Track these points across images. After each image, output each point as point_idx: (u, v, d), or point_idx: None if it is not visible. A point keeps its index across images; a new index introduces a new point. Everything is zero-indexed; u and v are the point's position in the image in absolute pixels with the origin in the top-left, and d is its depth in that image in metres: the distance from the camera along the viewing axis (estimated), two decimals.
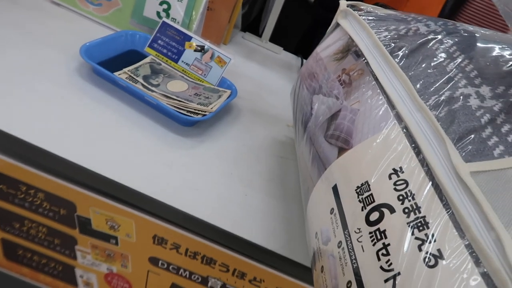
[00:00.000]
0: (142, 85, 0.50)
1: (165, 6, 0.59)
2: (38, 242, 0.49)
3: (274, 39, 0.86)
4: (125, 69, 0.51)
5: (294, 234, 0.41)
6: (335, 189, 0.28)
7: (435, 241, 0.20)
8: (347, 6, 0.44)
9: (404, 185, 0.23)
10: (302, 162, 0.38)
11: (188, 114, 0.47)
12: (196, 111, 0.48)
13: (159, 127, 0.48)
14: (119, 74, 0.50)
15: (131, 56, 0.57)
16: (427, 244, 0.20)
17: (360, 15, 0.41)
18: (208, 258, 0.43)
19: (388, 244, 0.22)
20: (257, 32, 0.89)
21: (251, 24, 0.97)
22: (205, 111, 0.48)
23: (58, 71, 0.49)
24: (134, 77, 0.50)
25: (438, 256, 0.19)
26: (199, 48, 0.57)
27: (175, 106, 0.48)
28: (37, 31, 0.55)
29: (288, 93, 0.61)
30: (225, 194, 0.43)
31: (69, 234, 0.47)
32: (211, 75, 0.56)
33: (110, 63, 0.52)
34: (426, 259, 0.19)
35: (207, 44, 0.57)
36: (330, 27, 0.46)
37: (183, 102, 0.48)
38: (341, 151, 0.30)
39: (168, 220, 0.40)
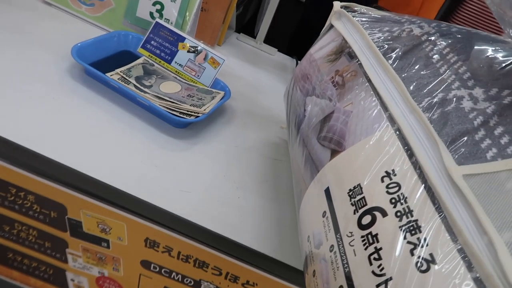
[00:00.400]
0: (135, 86, 0.49)
1: (158, 6, 0.59)
2: (29, 245, 0.48)
3: (268, 39, 0.86)
4: (117, 70, 0.51)
5: (287, 237, 0.41)
6: (327, 191, 0.28)
7: (427, 245, 0.20)
8: (341, 7, 0.44)
9: (397, 188, 0.23)
10: (295, 164, 0.38)
11: (181, 115, 0.47)
12: (189, 113, 0.48)
13: (152, 129, 0.47)
14: (111, 75, 0.49)
15: (124, 57, 0.56)
16: (419, 248, 0.20)
17: (353, 17, 0.41)
18: (200, 262, 0.42)
19: (380, 248, 0.21)
20: (253, 34, 0.89)
21: (247, 25, 0.97)
22: (198, 113, 0.48)
23: (49, 71, 0.49)
24: (127, 78, 0.50)
25: (430, 261, 0.19)
26: (192, 49, 0.56)
27: (167, 108, 0.47)
28: (28, 31, 0.54)
29: (282, 95, 0.61)
30: (217, 196, 0.42)
31: (60, 237, 0.46)
32: (205, 76, 0.56)
33: (102, 64, 0.52)
34: (418, 264, 0.19)
35: (200, 45, 0.56)
36: (324, 28, 0.46)
37: (175, 103, 0.48)
38: (334, 153, 0.30)
39: (159, 223, 0.40)
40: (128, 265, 0.46)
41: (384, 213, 0.22)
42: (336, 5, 0.44)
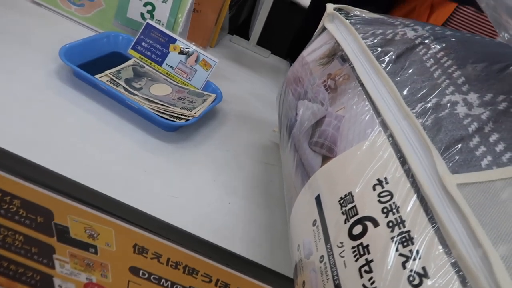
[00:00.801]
0: (124, 88, 0.48)
1: (149, 7, 0.58)
2: (15, 250, 0.47)
3: (266, 43, 0.85)
4: (107, 72, 0.50)
5: (278, 244, 0.40)
6: (318, 199, 0.27)
7: (420, 258, 0.19)
8: (334, 9, 0.43)
9: (389, 197, 0.22)
10: (286, 169, 0.37)
11: (171, 118, 0.46)
12: (179, 116, 0.47)
13: (141, 132, 0.46)
14: (100, 77, 0.48)
15: (114, 58, 0.55)
16: (411, 261, 0.19)
17: (347, 19, 0.40)
18: (190, 268, 0.41)
19: (371, 260, 0.20)
20: (248, 36, 0.88)
21: (243, 28, 0.96)
22: (189, 116, 0.47)
23: (36, 73, 0.48)
24: (116, 80, 0.49)
25: (423, 275, 0.18)
26: (184, 50, 0.55)
27: (157, 110, 0.46)
28: (15, 31, 0.53)
29: (275, 98, 0.60)
30: (207, 202, 0.41)
31: (47, 243, 0.45)
32: (196, 78, 0.55)
33: (91, 66, 0.51)
34: (410, 278, 0.18)
35: (192, 46, 0.55)
36: (316, 31, 0.45)
37: (166, 106, 0.47)
38: (325, 159, 0.29)
39: (148, 229, 0.39)
40: (116, 271, 0.45)
41: (375, 223, 0.22)
42: (329, 7, 0.43)
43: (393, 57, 0.33)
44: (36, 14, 0.59)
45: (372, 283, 0.20)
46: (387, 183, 0.23)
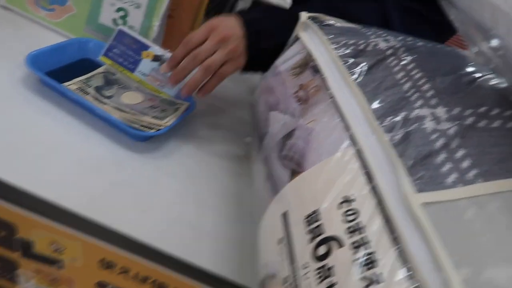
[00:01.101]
0: (93, 97, 0.47)
1: (122, 13, 0.56)
2: None
3: None
4: (76, 80, 0.48)
5: (248, 259, 0.39)
6: (285, 216, 0.26)
7: (384, 281, 0.18)
8: (308, 18, 0.43)
9: (354, 216, 0.22)
10: (256, 182, 0.36)
11: (141, 128, 0.45)
12: (150, 125, 0.46)
13: (109, 142, 0.45)
14: (68, 85, 0.46)
15: (85, 65, 0.53)
16: (374, 285, 0.18)
17: (320, 28, 0.40)
18: (160, 283, 0.40)
19: (335, 283, 0.20)
20: None
21: None
22: (160, 125, 0.46)
23: (1, 80, 0.46)
24: (85, 88, 0.47)
25: None
26: (157, 57, 0.54)
27: (127, 120, 0.45)
28: None
29: (249, 107, 0.60)
30: (177, 215, 0.40)
31: (10, 258, 0.43)
32: (169, 86, 0.54)
33: (60, 73, 0.49)
34: None
35: (166, 53, 0.54)
36: (290, 39, 0.44)
37: (136, 115, 0.46)
38: (295, 173, 0.29)
39: (116, 244, 0.38)
40: (82, 287, 0.44)
41: (340, 243, 0.21)
42: (303, 15, 0.43)
43: (365, 68, 0.32)
44: (4, 18, 0.57)
45: None
46: (353, 201, 0.23)
